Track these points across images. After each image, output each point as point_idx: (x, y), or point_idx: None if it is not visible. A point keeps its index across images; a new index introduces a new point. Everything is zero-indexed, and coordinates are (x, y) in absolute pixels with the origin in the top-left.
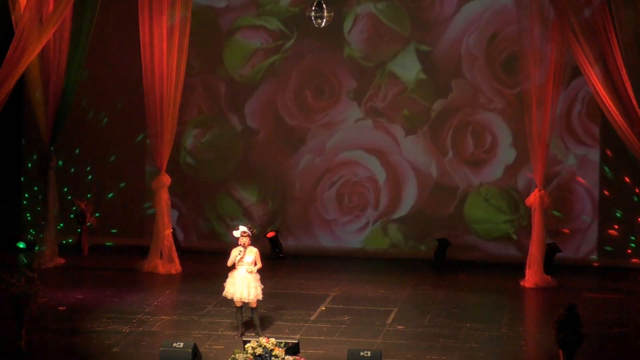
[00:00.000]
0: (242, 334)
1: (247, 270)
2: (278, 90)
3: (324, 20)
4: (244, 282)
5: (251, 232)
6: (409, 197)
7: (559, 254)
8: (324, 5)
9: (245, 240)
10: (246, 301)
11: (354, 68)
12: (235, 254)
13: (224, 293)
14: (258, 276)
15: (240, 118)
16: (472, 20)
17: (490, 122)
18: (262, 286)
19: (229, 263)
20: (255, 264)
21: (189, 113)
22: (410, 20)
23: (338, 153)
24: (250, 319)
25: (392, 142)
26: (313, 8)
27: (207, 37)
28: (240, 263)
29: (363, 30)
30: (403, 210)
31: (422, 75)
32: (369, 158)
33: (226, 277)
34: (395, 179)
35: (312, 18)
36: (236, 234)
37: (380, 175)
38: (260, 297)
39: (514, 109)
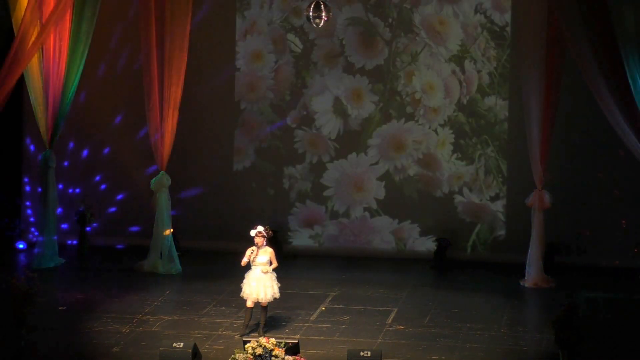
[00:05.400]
0: (243, 335)
1: (262, 271)
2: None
3: (322, 20)
4: (259, 283)
5: (267, 233)
6: (409, 197)
7: (559, 254)
8: (322, 6)
9: (259, 240)
10: (263, 301)
11: None
12: (248, 253)
13: (241, 294)
14: (274, 275)
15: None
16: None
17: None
18: (279, 284)
19: (243, 263)
20: (271, 264)
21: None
22: None
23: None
24: (257, 323)
25: (392, 141)
26: (311, 8)
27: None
28: (254, 264)
29: None
30: (403, 210)
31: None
32: (370, 157)
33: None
34: (395, 178)
35: (311, 18)
36: (252, 233)
37: (381, 174)
38: (277, 295)
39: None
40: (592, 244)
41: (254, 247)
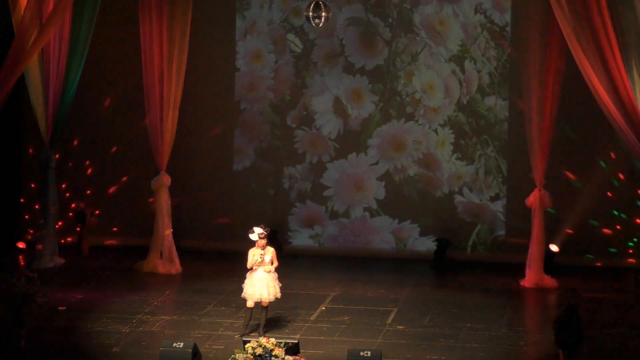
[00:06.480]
0: (243, 335)
1: (265, 271)
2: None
3: (322, 20)
4: (262, 283)
5: (266, 232)
6: (409, 197)
7: (559, 254)
8: (322, 6)
9: (263, 242)
10: (266, 301)
11: None
12: (256, 257)
13: (243, 294)
14: (276, 275)
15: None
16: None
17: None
18: (280, 284)
19: (249, 266)
20: (272, 263)
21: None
22: None
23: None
24: (257, 323)
25: (392, 141)
26: (311, 8)
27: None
28: (259, 265)
29: None
30: (403, 210)
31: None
32: (370, 157)
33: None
34: (395, 178)
35: (310, 18)
36: (253, 237)
37: (381, 174)
38: (278, 295)
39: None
40: (592, 244)
41: (259, 250)
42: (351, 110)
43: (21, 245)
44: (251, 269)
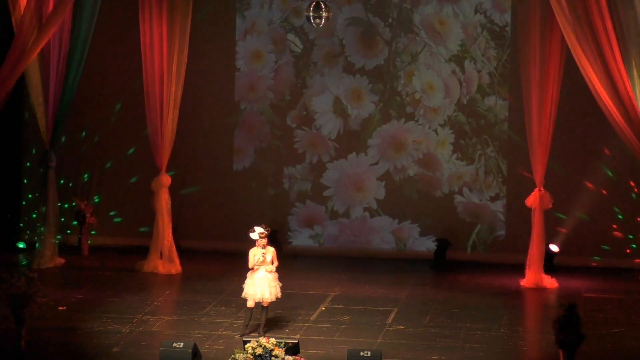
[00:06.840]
0: (243, 334)
1: (267, 270)
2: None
3: (323, 20)
4: (264, 283)
5: (267, 231)
6: (409, 197)
7: (559, 254)
8: (322, 6)
9: (264, 241)
10: (267, 300)
11: None
12: (258, 256)
13: (243, 294)
14: (276, 275)
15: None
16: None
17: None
18: (281, 284)
19: (251, 265)
20: (273, 263)
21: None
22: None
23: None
24: (257, 323)
25: (392, 141)
26: (311, 8)
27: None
28: (261, 264)
29: None
30: (403, 210)
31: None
32: (370, 157)
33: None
34: (395, 178)
35: (311, 18)
36: (254, 236)
37: (381, 174)
38: (279, 295)
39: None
40: (591, 244)
41: (261, 250)
42: (351, 110)
43: (21, 245)
44: (252, 268)
